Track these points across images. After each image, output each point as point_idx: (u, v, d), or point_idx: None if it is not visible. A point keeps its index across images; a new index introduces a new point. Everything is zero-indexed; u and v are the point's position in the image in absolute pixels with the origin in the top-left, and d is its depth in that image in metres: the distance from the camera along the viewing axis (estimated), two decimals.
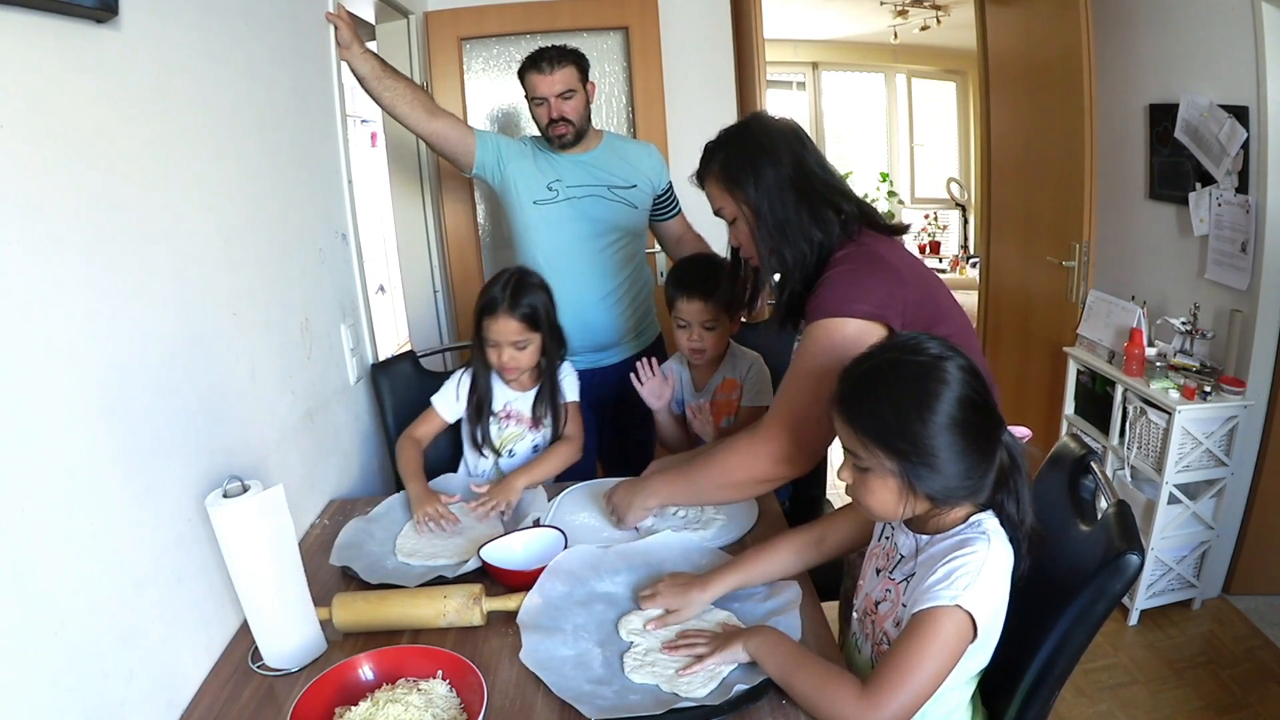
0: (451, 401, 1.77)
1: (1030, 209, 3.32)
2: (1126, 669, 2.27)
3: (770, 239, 1.30)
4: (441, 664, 1.07)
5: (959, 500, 0.99)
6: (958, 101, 6.81)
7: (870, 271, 1.25)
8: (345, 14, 1.92)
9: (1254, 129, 2.22)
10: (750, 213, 1.31)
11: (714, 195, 1.37)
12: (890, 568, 1.08)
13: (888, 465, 0.96)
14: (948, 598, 0.92)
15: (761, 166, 1.29)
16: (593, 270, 2.13)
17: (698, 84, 2.99)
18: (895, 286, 1.24)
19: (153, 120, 1.12)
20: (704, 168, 1.38)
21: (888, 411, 0.96)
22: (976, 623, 0.93)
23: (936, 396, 0.94)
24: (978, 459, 0.96)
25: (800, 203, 1.29)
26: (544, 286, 1.75)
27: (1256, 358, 2.31)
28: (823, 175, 1.33)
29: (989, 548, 0.96)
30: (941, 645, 0.92)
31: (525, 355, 1.71)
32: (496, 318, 1.66)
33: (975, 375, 0.97)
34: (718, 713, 0.99)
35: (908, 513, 0.99)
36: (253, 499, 1.09)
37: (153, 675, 1.02)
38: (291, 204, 1.62)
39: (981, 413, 0.96)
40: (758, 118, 1.39)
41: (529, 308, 1.68)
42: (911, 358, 0.98)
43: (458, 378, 1.78)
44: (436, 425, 1.78)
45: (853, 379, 1.01)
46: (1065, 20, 2.83)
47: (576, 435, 1.80)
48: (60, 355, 0.90)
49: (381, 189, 3.61)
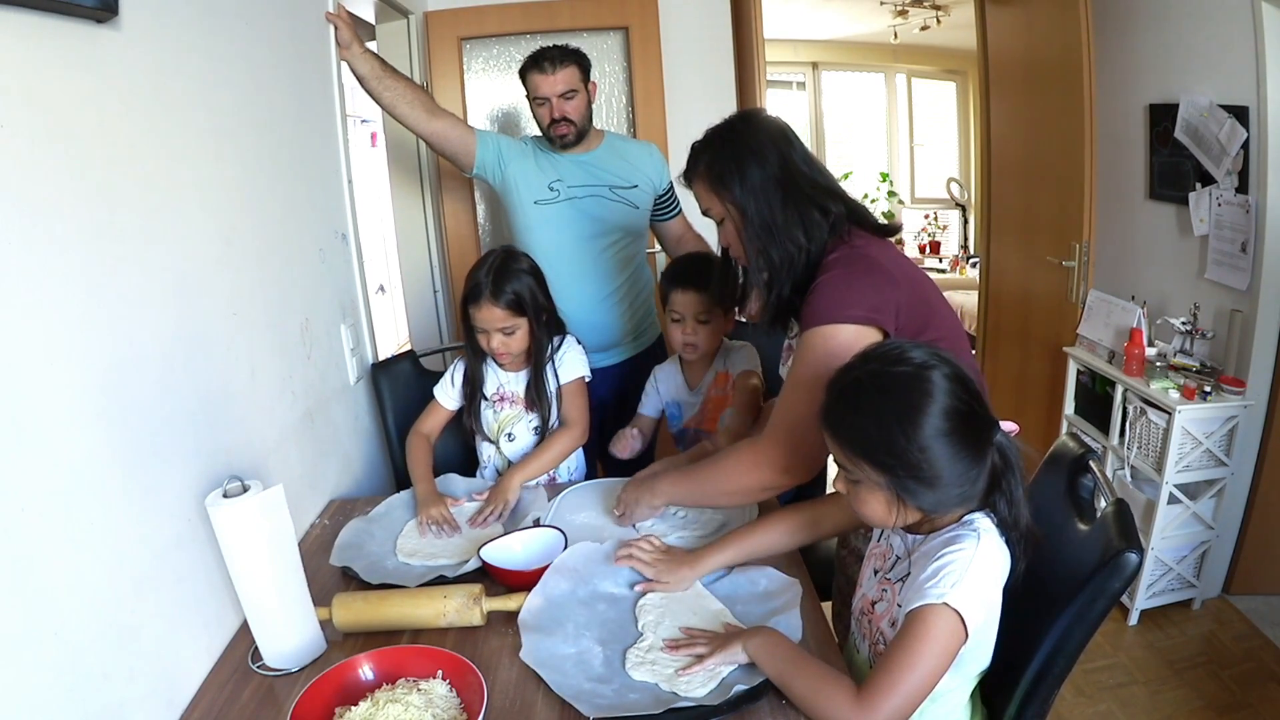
0: (449, 390, 1.77)
1: (1030, 209, 3.32)
2: (1126, 669, 2.27)
3: (757, 239, 1.29)
4: (441, 664, 1.07)
5: (948, 509, 0.99)
6: (958, 101, 6.80)
7: (862, 275, 1.24)
8: (345, 14, 1.92)
9: (1254, 129, 2.22)
10: (737, 213, 1.30)
11: (701, 195, 1.36)
12: (887, 568, 1.09)
13: (875, 479, 0.96)
14: (935, 596, 0.93)
15: (747, 166, 1.28)
16: (593, 270, 2.13)
17: (698, 84, 2.99)
18: (888, 289, 1.23)
19: (152, 120, 1.12)
20: (690, 168, 1.36)
21: (871, 426, 0.95)
22: (965, 622, 0.93)
23: (921, 411, 0.93)
24: (967, 466, 0.95)
25: (787, 203, 1.28)
26: (531, 270, 1.70)
27: (1256, 358, 2.31)
28: (810, 175, 1.31)
29: (978, 545, 0.96)
30: (933, 645, 0.92)
31: (515, 340, 1.68)
32: (481, 305, 1.64)
33: (961, 382, 0.96)
34: (716, 713, 0.99)
35: (901, 522, 1.00)
36: (253, 499, 1.09)
37: (153, 675, 1.02)
38: (291, 204, 1.62)
39: (969, 421, 0.95)
40: (745, 117, 1.37)
41: (512, 294, 1.64)
42: (895, 369, 0.96)
43: (453, 366, 1.79)
44: (443, 416, 1.78)
45: (836, 392, 1.00)
46: (1065, 20, 2.83)
47: (578, 420, 1.75)
48: (60, 355, 0.90)
49: (381, 189, 3.61)
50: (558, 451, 1.71)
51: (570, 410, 1.76)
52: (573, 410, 1.76)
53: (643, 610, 1.20)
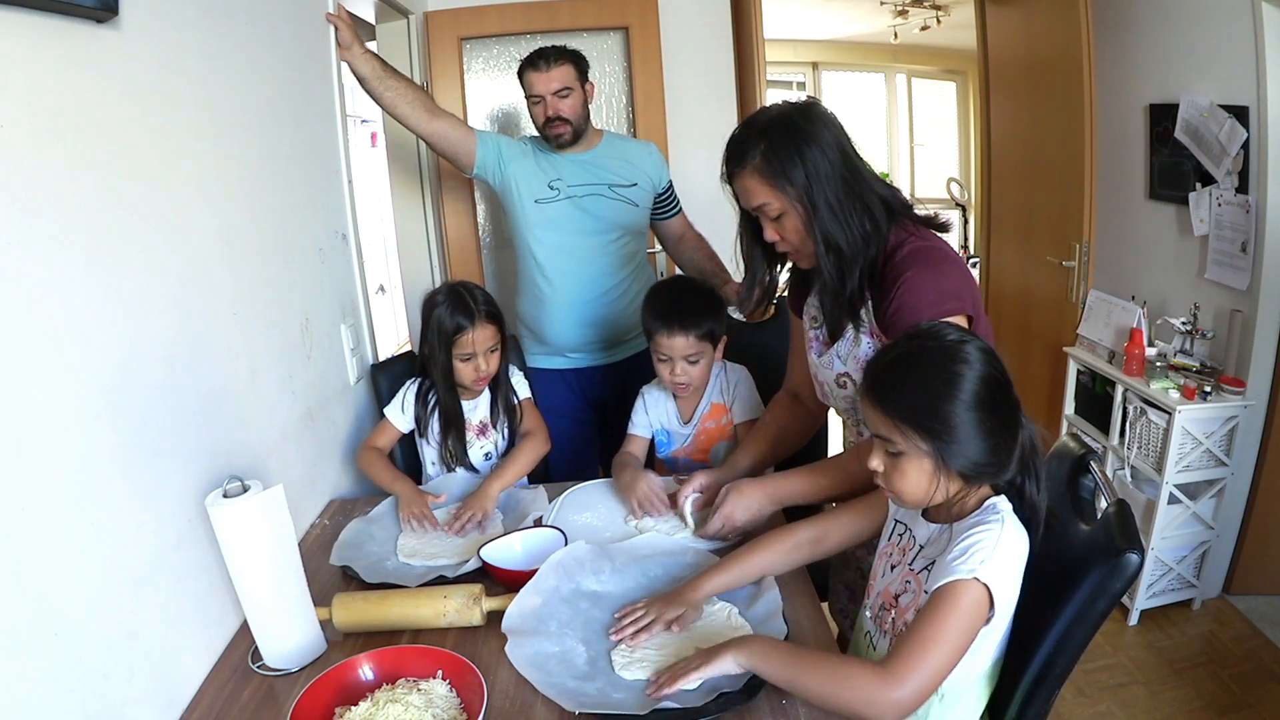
0: (399, 414, 1.76)
1: (1030, 209, 3.32)
2: (1126, 669, 2.27)
3: (826, 230, 1.24)
4: (441, 664, 1.07)
5: (988, 476, 1.01)
6: (958, 101, 6.80)
7: (945, 263, 1.26)
8: (345, 14, 1.92)
9: (1254, 129, 2.22)
10: (801, 205, 1.24)
11: (753, 190, 1.27)
12: (909, 560, 1.09)
13: (921, 446, 0.98)
14: (965, 571, 0.94)
15: (812, 155, 1.23)
16: (594, 268, 2.13)
17: (698, 84, 2.99)
18: (968, 275, 1.27)
19: (153, 120, 1.12)
20: (738, 160, 1.27)
21: (918, 394, 0.99)
22: (994, 596, 0.94)
23: (961, 376, 0.97)
24: (1003, 434, 0.99)
25: (851, 193, 1.24)
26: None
27: (1256, 358, 2.31)
28: (862, 160, 1.29)
29: (1003, 527, 0.98)
30: (960, 619, 0.93)
31: (495, 358, 1.71)
32: (475, 328, 1.64)
33: (994, 355, 1.01)
34: (703, 714, 0.98)
35: (939, 495, 1.01)
36: (253, 499, 1.09)
37: (153, 675, 1.02)
38: (291, 204, 1.62)
39: (1004, 390, 0.99)
40: (802, 109, 1.28)
41: (494, 305, 1.69)
42: (934, 343, 1.02)
43: (404, 391, 1.77)
44: (394, 436, 1.77)
45: (880, 368, 1.04)
46: (1065, 20, 2.83)
47: (538, 428, 1.80)
48: (61, 355, 0.90)
49: (381, 189, 3.61)
50: (527, 461, 1.72)
51: (530, 422, 1.81)
52: (532, 422, 1.81)
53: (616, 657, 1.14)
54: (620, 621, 1.16)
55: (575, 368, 2.22)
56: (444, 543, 1.47)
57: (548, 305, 2.15)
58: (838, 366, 1.37)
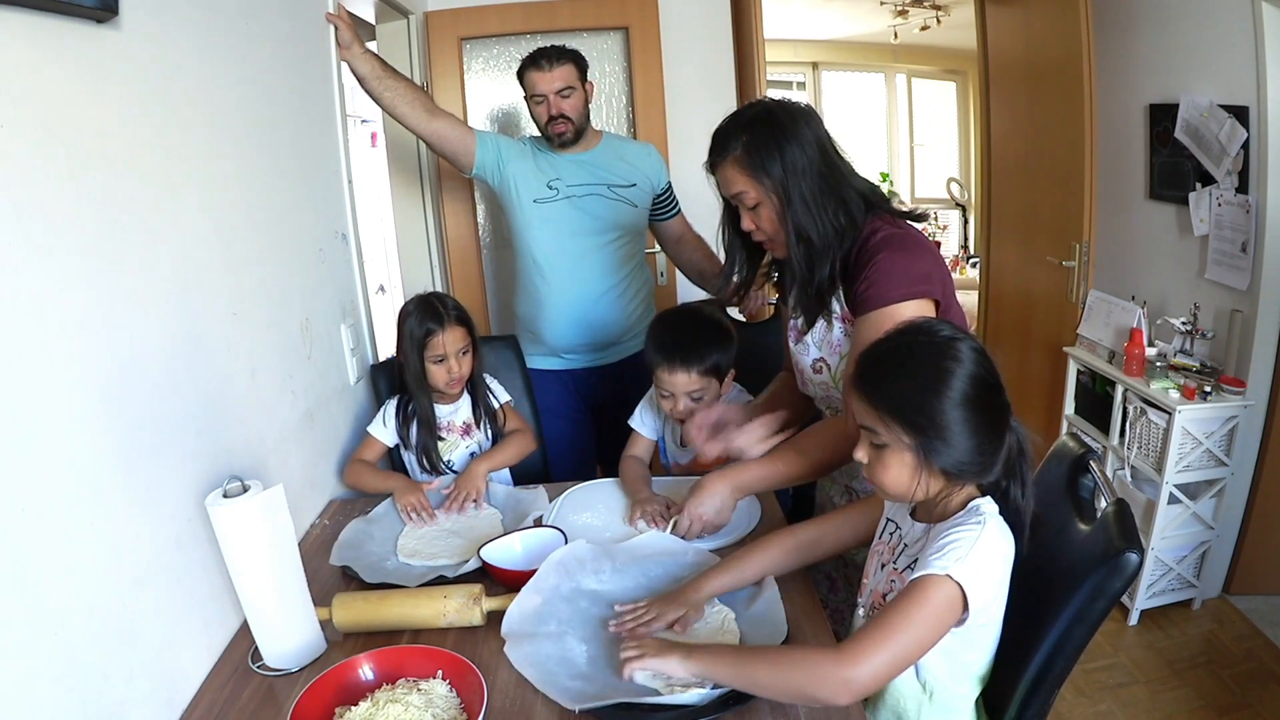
0: (382, 428, 1.77)
1: (1030, 209, 3.32)
2: (1126, 669, 2.27)
3: (798, 221, 1.28)
4: (441, 664, 1.07)
5: (971, 476, 1.00)
6: (958, 101, 6.79)
7: (914, 249, 1.29)
8: (345, 14, 1.92)
9: (1254, 129, 2.22)
10: (777, 196, 1.29)
11: (734, 179, 1.32)
12: (895, 559, 1.09)
13: (905, 440, 0.98)
14: (939, 567, 0.94)
15: (789, 148, 1.28)
16: (592, 268, 2.13)
17: (698, 84, 2.99)
18: (936, 261, 1.30)
19: (153, 120, 1.12)
20: (720, 151, 1.33)
21: (906, 387, 0.99)
22: (967, 596, 0.93)
23: (950, 374, 0.97)
24: (989, 435, 0.98)
25: (826, 185, 1.29)
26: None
27: (1256, 358, 2.31)
28: (841, 157, 1.34)
29: (984, 528, 0.97)
30: (928, 612, 0.93)
31: (468, 361, 1.73)
32: (445, 330, 1.68)
33: (986, 356, 1.01)
34: (703, 714, 0.98)
35: (921, 492, 1.00)
36: (253, 499, 1.09)
37: (153, 675, 1.02)
38: (291, 204, 1.62)
39: (992, 390, 0.99)
40: (781, 104, 1.34)
41: (463, 311, 1.73)
42: (925, 338, 1.02)
43: (384, 407, 1.78)
44: (378, 450, 1.78)
45: (871, 359, 1.04)
46: (1065, 20, 2.83)
47: (524, 427, 1.84)
48: (60, 355, 0.90)
49: (381, 189, 3.60)
50: (515, 450, 1.76)
51: (514, 423, 1.84)
52: (516, 423, 1.85)
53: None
54: (621, 615, 1.16)
55: (572, 369, 2.22)
56: (444, 543, 1.48)
57: (545, 305, 2.16)
58: (813, 352, 1.42)
